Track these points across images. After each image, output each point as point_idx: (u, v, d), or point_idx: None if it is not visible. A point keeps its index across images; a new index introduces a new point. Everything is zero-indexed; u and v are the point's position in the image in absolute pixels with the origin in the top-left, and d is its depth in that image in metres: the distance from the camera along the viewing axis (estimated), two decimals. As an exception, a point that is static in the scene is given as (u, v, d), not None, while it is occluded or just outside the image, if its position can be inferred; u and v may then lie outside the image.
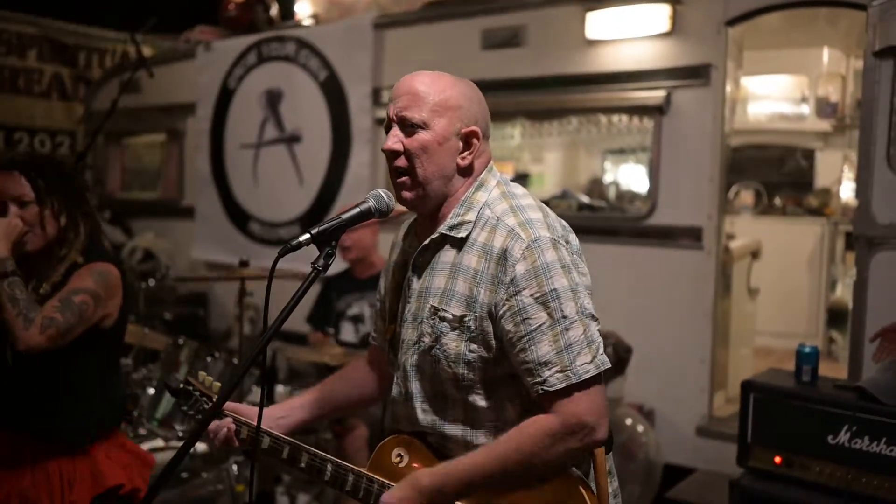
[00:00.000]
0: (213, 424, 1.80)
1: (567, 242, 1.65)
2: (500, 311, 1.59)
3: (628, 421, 4.02)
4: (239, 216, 6.09)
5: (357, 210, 1.67)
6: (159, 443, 3.53)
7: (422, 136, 1.65)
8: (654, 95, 4.31)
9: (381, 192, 1.70)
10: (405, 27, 5.28)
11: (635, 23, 4.36)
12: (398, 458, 1.74)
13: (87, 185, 2.44)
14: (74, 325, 2.19)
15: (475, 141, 1.70)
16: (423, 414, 1.71)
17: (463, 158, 1.69)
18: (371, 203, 1.68)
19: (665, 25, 4.26)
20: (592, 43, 4.51)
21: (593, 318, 1.61)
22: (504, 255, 1.59)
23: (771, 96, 6.92)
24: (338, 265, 4.12)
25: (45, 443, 2.33)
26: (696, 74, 4.19)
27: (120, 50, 8.21)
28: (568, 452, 1.57)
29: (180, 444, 3.51)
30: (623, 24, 4.40)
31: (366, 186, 5.28)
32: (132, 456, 2.51)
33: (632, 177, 7.19)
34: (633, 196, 6.77)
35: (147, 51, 6.04)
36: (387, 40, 5.33)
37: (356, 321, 4.14)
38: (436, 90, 1.67)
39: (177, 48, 6.79)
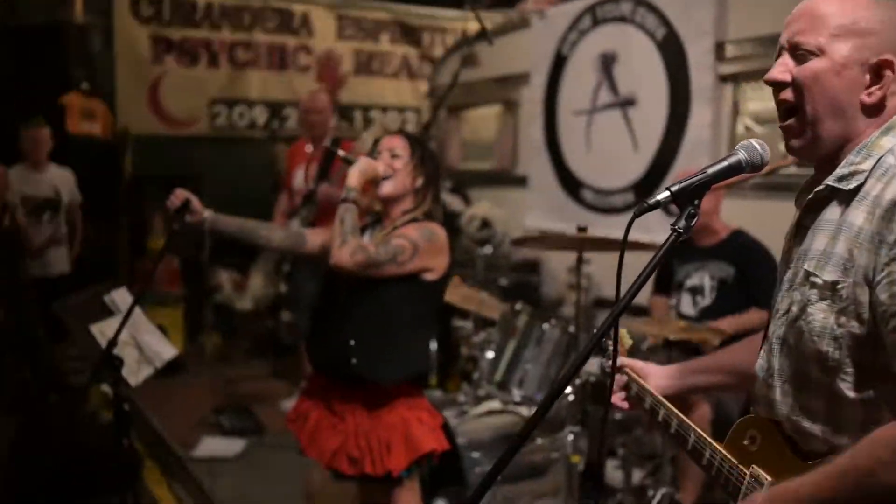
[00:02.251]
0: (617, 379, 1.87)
1: None
2: (878, 278, 1.29)
3: None
4: (571, 184, 6.06)
5: (725, 163, 1.45)
6: (496, 405, 3.62)
7: (814, 63, 1.40)
8: None
9: (754, 141, 1.47)
10: (755, -29, 4.79)
11: None
12: (749, 441, 1.54)
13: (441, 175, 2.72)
14: (383, 262, 2.42)
15: (888, 73, 1.39)
16: (782, 396, 1.47)
17: (870, 94, 1.40)
18: (741, 155, 1.45)
19: None
20: None
21: None
22: (892, 210, 1.29)
23: None
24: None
25: (357, 390, 2.55)
26: None
27: (460, 28, 8.62)
28: None
29: (517, 408, 3.57)
30: None
31: (706, 150, 4.90)
32: (438, 419, 2.68)
33: None
34: None
35: (486, 24, 6.22)
36: (733, -12, 4.87)
37: (694, 293, 3.87)
38: (842, 11, 1.40)
39: (512, 19, 6.92)
